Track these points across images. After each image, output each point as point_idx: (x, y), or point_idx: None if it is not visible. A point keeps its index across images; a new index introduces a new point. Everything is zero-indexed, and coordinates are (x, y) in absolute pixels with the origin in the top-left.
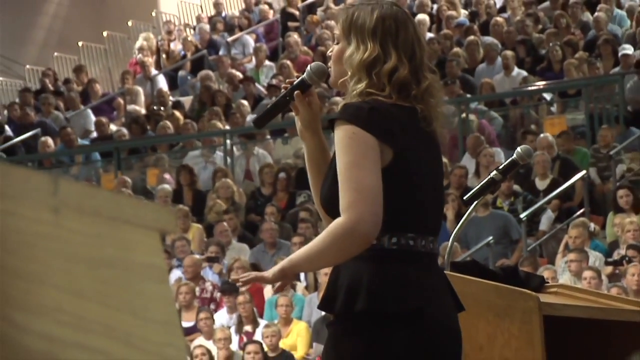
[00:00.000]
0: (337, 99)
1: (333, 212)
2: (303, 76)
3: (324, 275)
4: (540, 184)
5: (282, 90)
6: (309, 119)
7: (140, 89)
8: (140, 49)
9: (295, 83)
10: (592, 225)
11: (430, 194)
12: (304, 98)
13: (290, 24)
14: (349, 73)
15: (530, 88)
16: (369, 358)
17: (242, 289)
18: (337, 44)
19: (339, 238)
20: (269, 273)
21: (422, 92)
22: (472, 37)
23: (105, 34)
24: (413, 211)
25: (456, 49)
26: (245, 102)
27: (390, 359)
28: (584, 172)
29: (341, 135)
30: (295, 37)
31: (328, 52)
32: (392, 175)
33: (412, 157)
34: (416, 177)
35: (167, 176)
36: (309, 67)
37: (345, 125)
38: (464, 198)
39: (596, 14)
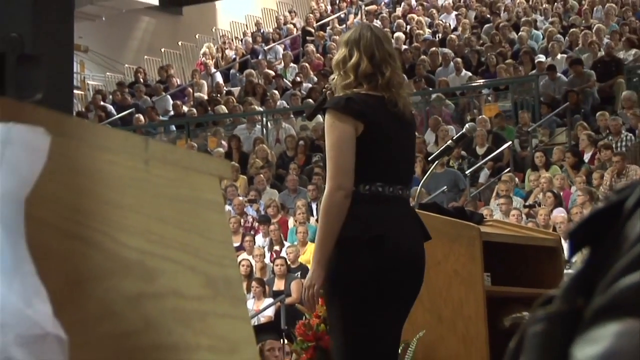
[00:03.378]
0: None
1: None
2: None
3: None
4: (480, 150)
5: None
6: None
7: (204, 82)
8: (204, 54)
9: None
10: (515, 179)
11: (399, 154)
12: None
13: (308, 38)
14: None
15: (473, 84)
16: (344, 272)
17: (272, 223)
18: None
19: (327, 205)
20: (311, 280)
21: (386, 82)
22: (433, 49)
23: (180, 43)
24: (381, 166)
25: (422, 57)
26: (276, 92)
27: (357, 273)
28: (510, 142)
29: (327, 120)
30: (311, 47)
31: None
32: (365, 141)
33: (379, 129)
34: (383, 142)
35: (222, 142)
36: None
37: (330, 112)
38: (429, 159)
39: (520, 33)
